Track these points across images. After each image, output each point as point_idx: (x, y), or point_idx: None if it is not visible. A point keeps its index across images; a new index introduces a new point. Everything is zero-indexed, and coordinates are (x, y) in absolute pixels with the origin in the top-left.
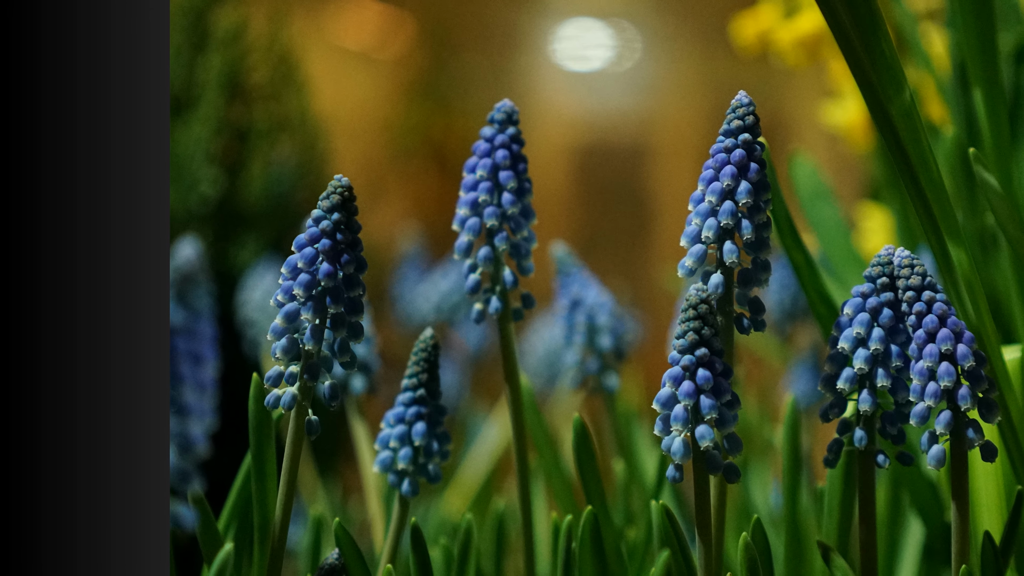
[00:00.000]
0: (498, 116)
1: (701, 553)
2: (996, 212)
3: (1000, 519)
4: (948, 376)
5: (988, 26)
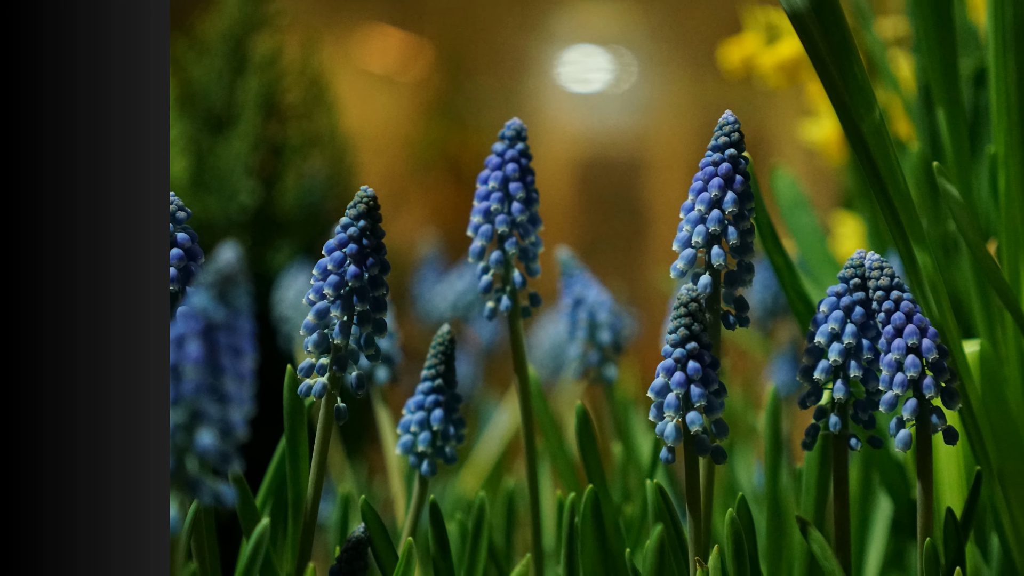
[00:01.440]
0: (508, 133)
1: (691, 527)
2: (957, 220)
3: (961, 497)
4: (914, 367)
5: (950, 52)
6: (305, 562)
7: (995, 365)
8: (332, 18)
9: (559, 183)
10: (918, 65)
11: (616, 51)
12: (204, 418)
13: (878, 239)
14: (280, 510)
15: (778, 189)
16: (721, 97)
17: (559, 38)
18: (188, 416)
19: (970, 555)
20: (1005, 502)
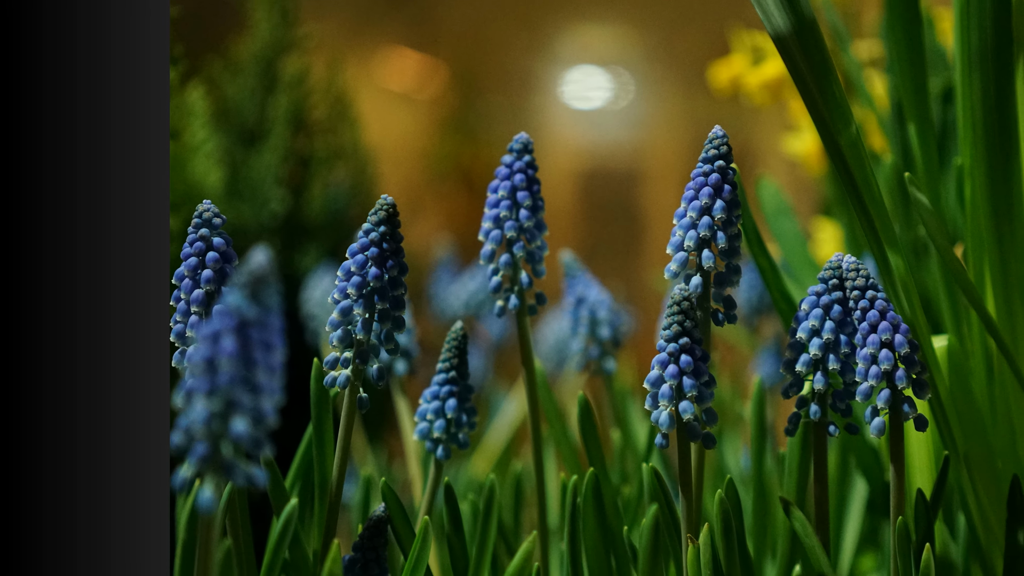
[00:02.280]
0: (516, 146)
1: (683, 507)
2: (927, 226)
3: (930, 479)
4: (887, 361)
5: (920, 72)
6: (330, 539)
7: (961, 359)
8: (355, 41)
9: (563, 192)
10: (891, 84)
11: (615, 71)
12: (238, 407)
13: (854, 243)
14: (307, 491)
15: (763, 197)
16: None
17: (562, 59)
18: (223, 405)
19: (939, 532)
20: (971, 484)
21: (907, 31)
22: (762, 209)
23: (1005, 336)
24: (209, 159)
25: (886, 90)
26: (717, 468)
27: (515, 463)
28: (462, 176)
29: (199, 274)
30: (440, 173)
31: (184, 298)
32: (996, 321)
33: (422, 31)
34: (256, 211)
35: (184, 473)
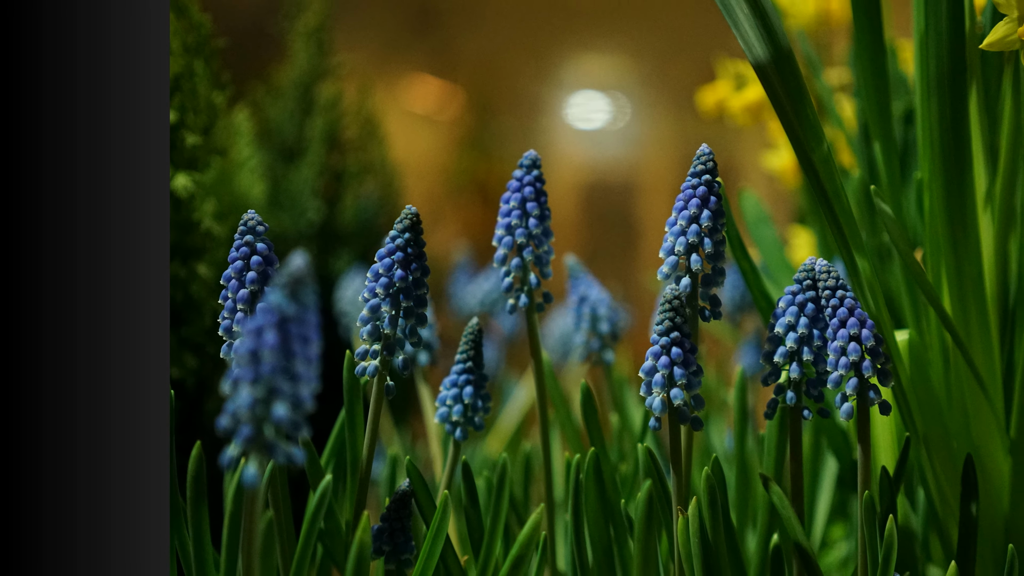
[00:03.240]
0: (525, 162)
1: (674, 482)
2: (890, 232)
3: (893, 458)
4: (855, 352)
5: (884, 96)
6: (361, 511)
7: (921, 351)
8: (382, 69)
9: (567, 203)
10: (858, 107)
11: (613, 96)
12: (279, 393)
13: (826, 248)
14: (340, 469)
15: (745, 207)
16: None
17: (567, 85)
18: (266, 392)
19: (901, 505)
20: (929, 462)
21: (873, 60)
22: (744, 218)
23: (960, 330)
24: (253, 174)
25: (854, 112)
26: (704, 448)
27: (525, 443)
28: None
29: (244, 275)
30: (458, 186)
31: (231, 297)
32: (952, 317)
33: (442, 60)
34: (295, 220)
35: (231, 452)
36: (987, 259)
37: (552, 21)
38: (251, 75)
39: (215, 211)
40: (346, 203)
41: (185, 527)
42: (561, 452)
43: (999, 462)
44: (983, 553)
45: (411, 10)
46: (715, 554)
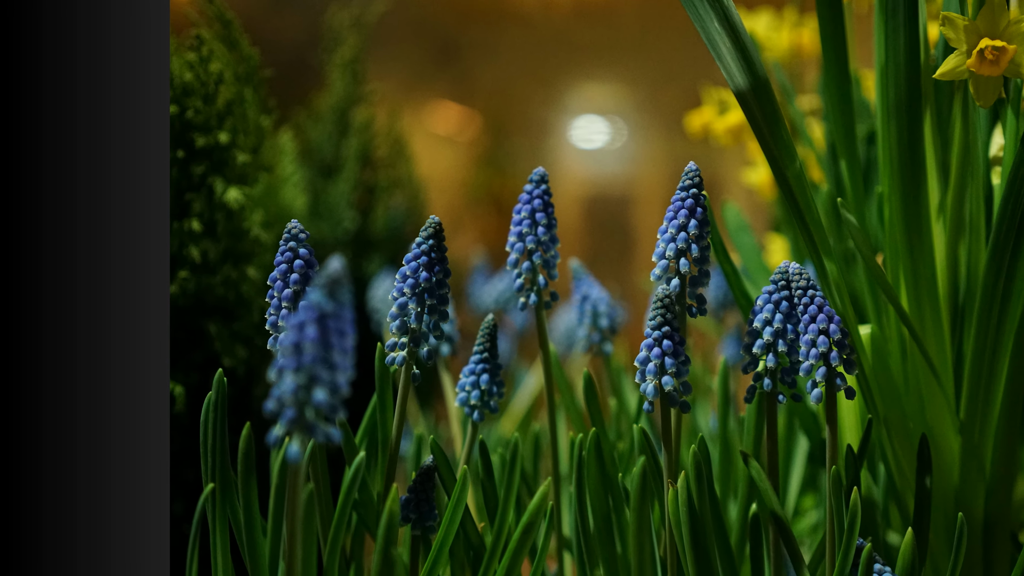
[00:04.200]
0: (535, 178)
1: (665, 458)
2: (855, 239)
3: (857, 437)
4: (824, 344)
5: (849, 120)
6: (390, 484)
7: (881, 343)
8: (409, 96)
9: (571, 213)
10: (827, 129)
11: (612, 119)
12: (318, 380)
13: (798, 253)
14: (372, 446)
15: (727, 217)
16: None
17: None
18: (307, 379)
19: (864, 478)
20: (889, 441)
21: (839, 88)
22: (726, 226)
23: (915, 325)
24: (296, 188)
25: (823, 134)
26: (691, 428)
27: (534, 424)
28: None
29: (288, 277)
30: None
31: (276, 296)
32: (908, 314)
33: (462, 88)
34: (332, 228)
35: (277, 432)
36: (939, 263)
37: (558, 54)
38: (294, 101)
39: (262, 220)
40: (377, 214)
41: (236, 498)
42: (566, 432)
43: (950, 441)
44: (936, 521)
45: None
46: (701, 522)
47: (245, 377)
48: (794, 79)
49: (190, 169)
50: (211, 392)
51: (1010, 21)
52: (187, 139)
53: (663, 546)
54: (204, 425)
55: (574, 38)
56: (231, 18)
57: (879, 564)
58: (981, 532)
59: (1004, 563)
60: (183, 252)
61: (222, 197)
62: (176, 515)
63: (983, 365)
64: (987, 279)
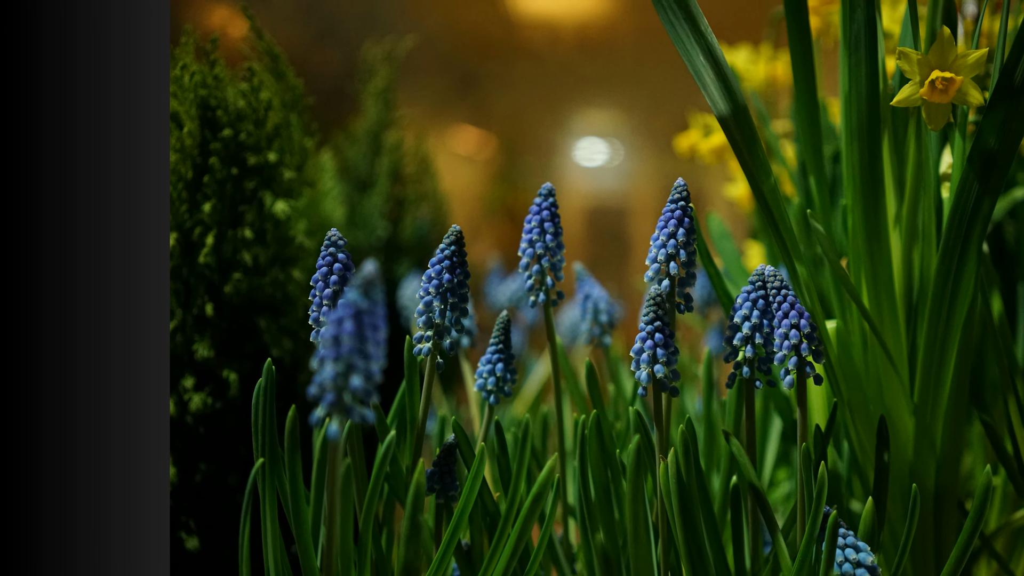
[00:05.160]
0: (543, 192)
1: (657, 437)
2: (822, 245)
3: (824, 417)
4: (795, 337)
5: (817, 142)
6: (417, 458)
7: (845, 336)
8: (434, 120)
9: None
10: (798, 150)
11: (610, 141)
12: (355, 368)
13: (773, 258)
14: (402, 426)
15: (711, 226)
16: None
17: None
18: (345, 367)
19: (830, 454)
20: (851, 421)
21: (809, 113)
22: (710, 234)
23: (875, 320)
24: (335, 200)
25: (795, 154)
26: (680, 410)
27: (543, 407)
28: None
29: (328, 278)
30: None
31: (318, 295)
32: (869, 310)
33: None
34: (367, 236)
35: (318, 413)
36: (896, 266)
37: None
38: (333, 125)
39: (306, 229)
40: (406, 223)
41: (283, 471)
42: (571, 413)
43: (905, 421)
44: (893, 491)
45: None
46: (688, 491)
47: (291, 366)
48: (769, 106)
49: (243, 184)
50: (261, 379)
51: (958, 55)
52: (240, 158)
53: (655, 513)
54: (255, 408)
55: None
56: (279, 53)
57: (843, 528)
58: (932, 501)
59: (952, 528)
60: (237, 257)
61: (271, 209)
62: (231, 486)
63: (934, 355)
64: (937, 280)
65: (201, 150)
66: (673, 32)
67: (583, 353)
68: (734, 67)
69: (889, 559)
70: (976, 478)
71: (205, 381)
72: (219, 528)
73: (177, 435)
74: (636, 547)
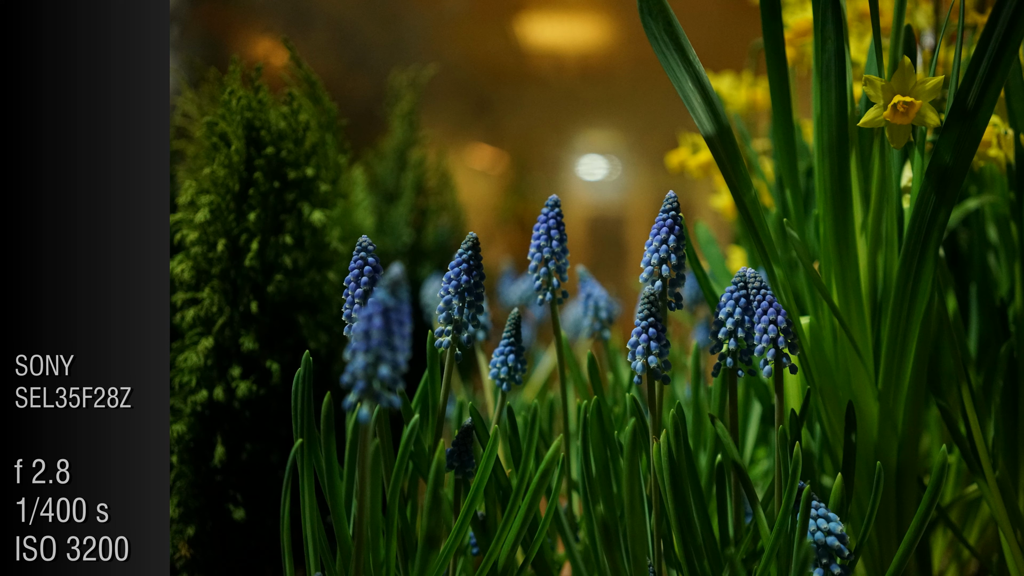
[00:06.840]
0: (550, 203)
1: (651, 420)
2: (797, 250)
3: (799, 403)
4: (773, 332)
5: (793, 158)
6: (438, 439)
7: (818, 330)
8: (453, 140)
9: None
10: (776, 165)
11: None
12: (383, 359)
13: (754, 261)
14: (425, 410)
15: (698, 233)
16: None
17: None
18: (374, 358)
19: (804, 435)
20: (823, 406)
21: (785, 133)
22: (698, 240)
23: (843, 317)
24: (366, 210)
25: (773, 169)
26: (671, 396)
27: (549, 393)
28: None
29: (360, 279)
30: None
31: (350, 294)
32: (838, 307)
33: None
34: (394, 242)
35: (351, 399)
36: (862, 268)
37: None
38: (364, 144)
39: (340, 236)
40: (428, 231)
41: (319, 450)
42: (574, 399)
43: (871, 406)
44: (859, 468)
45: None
46: (678, 468)
47: (326, 357)
48: (750, 126)
49: (284, 196)
50: (300, 368)
51: (917, 82)
52: (281, 173)
53: (649, 487)
54: (294, 394)
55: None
56: (315, 80)
57: (816, 501)
58: (895, 477)
59: (912, 501)
60: (278, 260)
61: (309, 218)
62: (273, 463)
63: (896, 347)
64: (899, 281)
65: (247, 166)
66: (665, 61)
67: (585, 346)
68: (719, 92)
69: (856, 528)
70: (933, 456)
71: (250, 370)
72: (263, 500)
73: (225, 418)
74: (632, 518)
